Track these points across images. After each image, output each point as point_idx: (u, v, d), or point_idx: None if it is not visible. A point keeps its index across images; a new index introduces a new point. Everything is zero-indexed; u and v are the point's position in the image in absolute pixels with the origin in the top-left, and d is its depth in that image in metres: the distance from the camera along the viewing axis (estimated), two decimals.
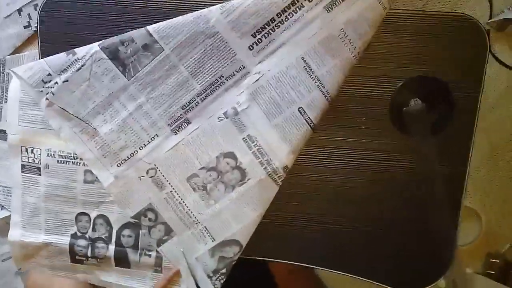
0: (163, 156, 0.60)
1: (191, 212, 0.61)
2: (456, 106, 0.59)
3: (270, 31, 0.56)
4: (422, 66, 0.59)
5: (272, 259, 0.64)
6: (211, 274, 0.62)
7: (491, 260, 0.79)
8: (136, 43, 0.58)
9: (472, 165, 0.61)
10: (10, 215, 0.67)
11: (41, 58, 0.61)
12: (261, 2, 0.55)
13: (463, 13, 0.58)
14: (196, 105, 0.59)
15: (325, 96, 0.57)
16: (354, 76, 0.59)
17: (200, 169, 0.60)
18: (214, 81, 0.58)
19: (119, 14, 0.60)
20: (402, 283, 0.63)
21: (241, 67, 0.57)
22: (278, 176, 0.59)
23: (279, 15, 0.56)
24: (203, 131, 0.59)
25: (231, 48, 0.57)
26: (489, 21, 0.60)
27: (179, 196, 0.61)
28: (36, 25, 0.64)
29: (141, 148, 0.60)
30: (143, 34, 0.57)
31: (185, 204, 0.61)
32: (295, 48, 0.56)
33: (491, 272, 0.77)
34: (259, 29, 0.56)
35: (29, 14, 0.65)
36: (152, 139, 0.60)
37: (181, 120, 0.59)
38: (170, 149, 0.60)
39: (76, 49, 0.59)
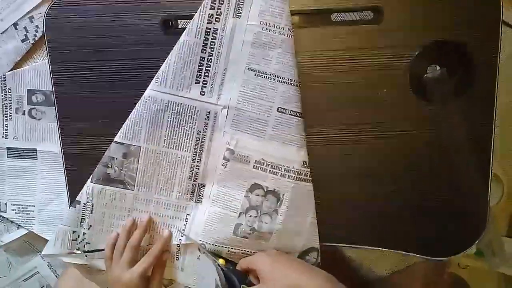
0: (203, 228, 0.61)
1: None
2: (475, 68, 0.57)
3: (207, 68, 0.57)
4: (437, 32, 0.58)
5: None
6: None
7: None
8: (116, 158, 0.60)
9: None
10: (26, 233, 0.70)
11: (51, 66, 0.61)
12: (181, 51, 0.56)
13: None
14: (198, 169, 0.60)
15: (290, 84, 0.56)
16: (371, 49, 0.58)
17: (239, 216, 0.60)
18: (196, 140, 0.59)
19: (122, 12, 0.60)
20: (440, 251, 0.62)
21: (207, 113, 0.58)
22: (305, 174, 0.59)
23: (204, 51, 0.56)
24: (219, 184, 0.60)
25: (188, 105, 0.58)
26: None
27: (237, 250, 0.61)
28: (33, 37, 0.64)
29: (182, 235, 0.62)
30: (116, 147, 0.59)
31: (247, 251, 0.61)
32: (237, 65, 0.57)
33: None
34: (197, 74, 0.57)
35: (25, 28, 0.64)
36: (186, 220, 0.62)
37: (196, 188, 0.61)
38: (205, 218, 0.61)
39: (77, 198, 0.61)
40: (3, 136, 0.69)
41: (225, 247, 0.61)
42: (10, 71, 0.67)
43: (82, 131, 0.63)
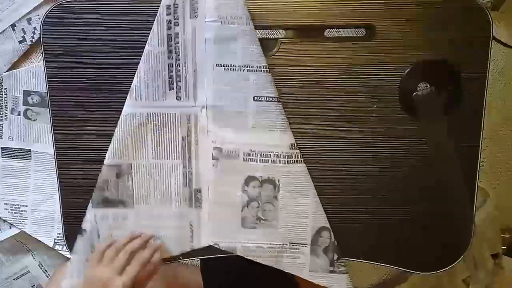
0: (211, 230, 0.62)
1: (270, 244, 0.62)
2: (465, 87, 0.59)
3: (177, 73, 0.57)
4: (428, 50, 0.59)
5: None
6: (332, 268, 0.62)
7: (501, 235, 0.79)
8: (111, 180, 0.61)
9: None
10: (18, 233, 0.70)
11: (46, 71, 0.61)
12: (149, 65, 0.57)
13: None
14: (191, 174, 0.61)
15: (260, 70, 0.56)
16: (362, 65, 0.59)
17: (242, 210, 0.61)
18: (183, 146, 0.60)
19: (120, 20, 0.60)
20: (425, 266, 0.64)
21: (188, 117, 0.59)
22: (295, 156, 0.59)
23: (170, 57, 0.57)
24: (214, 185, 0.61)
25: (167, 113, 0.59)
26: (484, 0, 0.58)
27: (251, 243, 0.62)
28: (31, 39, 0.65)
29: (191, 241, 0.63)
30: (108, 170, 0.60)
31: (261, 244, 0.62)
32: (205, 65, 0.57)
33: (502, 247, 0.78)
34: (169, 80, 0.58)
35: (23, 29, 0.65)
36: (191, 227, 0.62)
37: (193, 193, 0.61)
38: (210, 221, 0.62)
39: (82, 226, 0.62)
40: None
41: (238, 242, 0.62)
42: (6, 71, 0.68)
43: (76, 135, 0.63)
